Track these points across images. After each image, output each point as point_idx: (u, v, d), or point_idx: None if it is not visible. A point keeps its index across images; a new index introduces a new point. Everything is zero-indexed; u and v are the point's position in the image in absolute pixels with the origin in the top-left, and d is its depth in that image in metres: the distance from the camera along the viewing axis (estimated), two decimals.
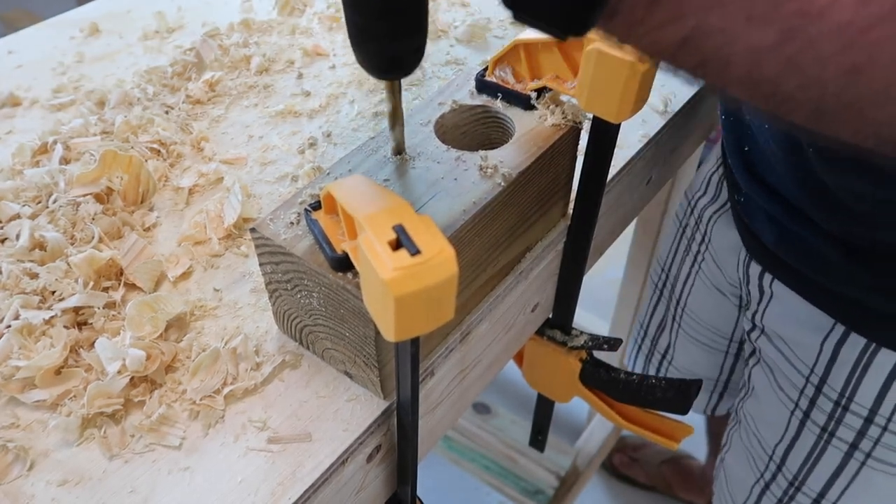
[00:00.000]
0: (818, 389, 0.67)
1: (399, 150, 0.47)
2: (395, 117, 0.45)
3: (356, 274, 0.39)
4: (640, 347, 1.03)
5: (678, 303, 0.90)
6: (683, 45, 0.27)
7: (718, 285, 0.83)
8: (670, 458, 1.52)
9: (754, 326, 0.75)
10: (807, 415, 0.69)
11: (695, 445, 1.50)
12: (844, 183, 0.55)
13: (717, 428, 1.30)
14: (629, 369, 1.07)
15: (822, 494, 0.71)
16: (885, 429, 0.64)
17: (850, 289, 0.61)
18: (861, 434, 0.65)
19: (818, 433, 0.68)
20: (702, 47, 0.26)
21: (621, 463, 1.54)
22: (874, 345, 0.61)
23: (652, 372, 1.01)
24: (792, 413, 0.70)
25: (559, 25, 0.28)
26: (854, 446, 0.66)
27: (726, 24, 0.25)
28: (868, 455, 0.66)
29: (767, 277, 0.70)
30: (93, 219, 0.55)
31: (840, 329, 0.63)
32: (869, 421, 0.64)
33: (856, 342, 0.62)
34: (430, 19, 0.38)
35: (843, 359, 0.64)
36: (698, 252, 0.84)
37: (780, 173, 0.63)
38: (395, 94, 0.44)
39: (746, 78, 0.27)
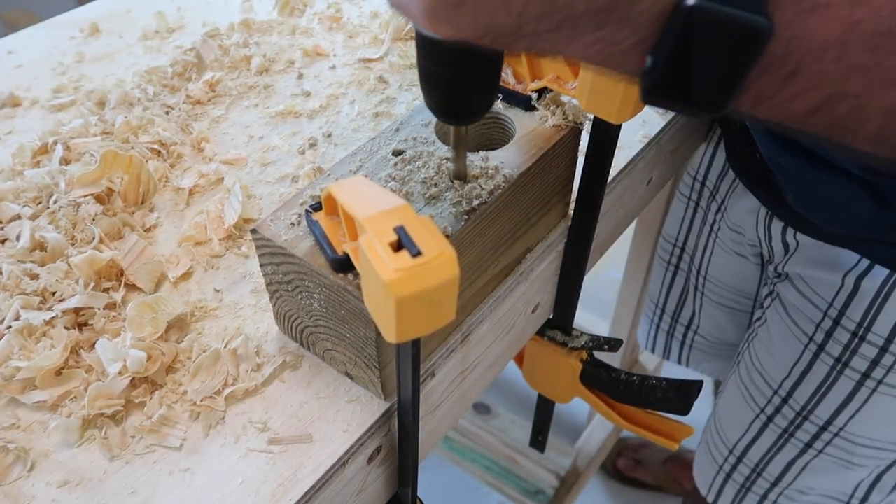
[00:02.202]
0: (836, 322, 0.70)
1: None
2: (458, 157, 0.44)
3: (357, 275, 0.39)
4: (658, 326, 1.04)
5: (699, 272, 0.92)
6: (815, 112, 0.27)
7: (738, 250, 0.85)
8: (673, 454, 1.52)
9: (780, 275, 0.77)
10: (821, 347, 0.72)
11: (694, 440, 1.50)
12: None
13: None
14: (648, 352, 1.08)
15: (829, 422, 0.74)
16: None
17: (874, 231, 0.63)
18: (875, 363, 0.68)
19: (832, 364, 0.71)
20: (835, 112, 0.27)
21: (626, 467, 1.54)
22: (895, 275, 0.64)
23: (676, 345, 1.03)
24: (805, 347, 0.73)
25: (694, 109, 0.28)
26: (866, 375, 0.69)
27: (863, 90, 0.26)
28: (880, 382, 0.69)
29: (790, 231, 0.72)
30: (93, 219, 0.55)
31: (864, 263, 0.66)
32: (884, 350, 0.67)
33: (878, 273, 0.65)
34: None
35: (864, 290, 0.66)
36: (714, 222, 0.86)
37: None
38: (459, 138, 0.43)
39: (877, 136, 0.28)
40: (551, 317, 0.64)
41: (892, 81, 0.26)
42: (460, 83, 0.36)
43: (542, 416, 0.84)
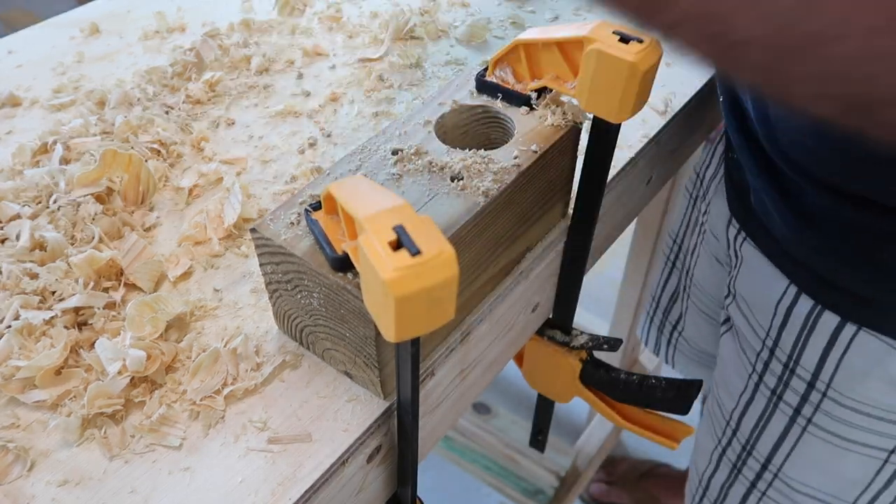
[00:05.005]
0: (771, 352, 0.68)
1: None
2: None
3: (356, 274, 0.39)
4: (651, 320, 1.04)
5: (688, 273, 0.92)
6: None
7: (717, 254, 0.84)
8: (647, 470, 1.50)
9: (729, 292, 0.76)
10: (761, 377, 0.70)
11: (672, 455, 1.49)
12: (795, 137, 0.57)
13: None
14: (648, 351, 1.08)
15: (768, 459, 0.72)
16: (824, 395, 0.65)
17: (800, 250, 0.62)
18: (804, 399, 0.66)
19: (769, 396, 0.70)
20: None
21: (601, 493, 1.50)
22: (819, 307, 0.62)
23: (664, 343, 1.02)
24: (749, 377, 0.72)
25: None
26: (797, 411, 0.67)
27: None
28: (809, 421, 0.67)
29: (739, 240, 0.71)
30: (93, 219, 0.55)
31: (792, 290, 0.64)
32: (811, 385, 0.65)
33: (804, 304, 0.63)
34: (430, 19, 0.36)
35: (792, 321, 0.65)
36: (701, 224, 0.86)
37: (755, 127, 0.63)
38: None
39: (698, 14, 0.27)
40: (551, 316, 0.64)
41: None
42: None
43: (542, 416, 0.84)
